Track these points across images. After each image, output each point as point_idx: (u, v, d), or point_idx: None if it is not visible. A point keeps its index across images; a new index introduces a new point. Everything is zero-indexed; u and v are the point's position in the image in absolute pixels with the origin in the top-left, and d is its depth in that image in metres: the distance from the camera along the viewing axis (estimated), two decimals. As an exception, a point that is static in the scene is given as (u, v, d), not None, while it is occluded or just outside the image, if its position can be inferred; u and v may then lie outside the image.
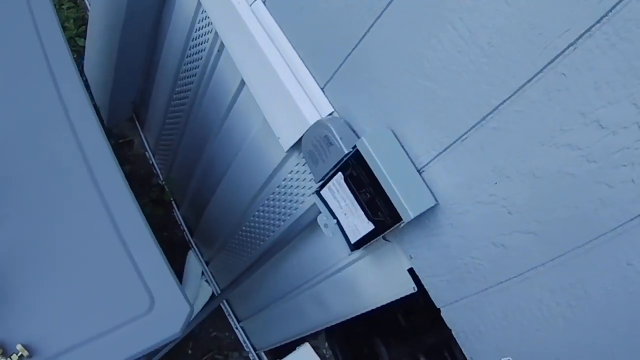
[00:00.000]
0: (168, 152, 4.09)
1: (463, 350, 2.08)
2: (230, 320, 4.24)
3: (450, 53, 1.66)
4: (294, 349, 3.46)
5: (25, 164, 1.94)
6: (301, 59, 2.22)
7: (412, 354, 4.58)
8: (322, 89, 2.16)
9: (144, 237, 1.95)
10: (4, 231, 1.81)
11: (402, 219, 1.80)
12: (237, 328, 4.22)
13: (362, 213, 1.96)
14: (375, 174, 1.82)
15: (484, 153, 1.67)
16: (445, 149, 1.77)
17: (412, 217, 1.77)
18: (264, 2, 2.35)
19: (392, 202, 1.80)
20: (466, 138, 1.70)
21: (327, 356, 4.43)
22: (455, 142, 1.74)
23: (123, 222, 1.94)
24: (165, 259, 1.96)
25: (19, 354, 1.62)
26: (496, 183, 1.67)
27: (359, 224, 2.00)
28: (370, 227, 1.96)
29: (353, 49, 1.97)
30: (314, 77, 2.18)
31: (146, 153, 4.51)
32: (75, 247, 1.87)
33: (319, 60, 2.15)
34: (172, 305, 1.88)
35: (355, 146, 1.88)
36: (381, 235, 1.98)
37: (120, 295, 1.83)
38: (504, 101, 1.56)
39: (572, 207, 1.50)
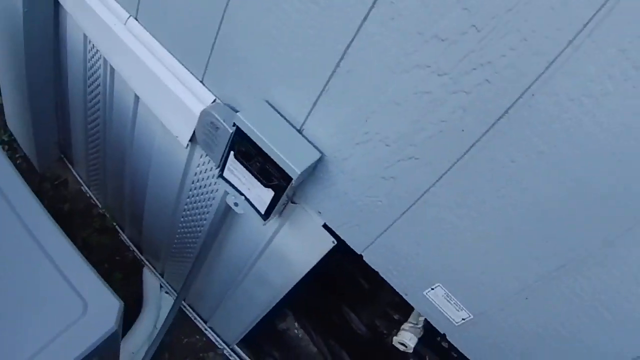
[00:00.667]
0: (99, 180, 4.19)
1: (394, 287, 2.22)
2: (197, 323, 4.32)
3: (292, 16, 1.81)
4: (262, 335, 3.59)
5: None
6: (178, 60, 2.37)
7: (382, 312, 4.72)
8: (201, 81, 2.31)
9: (66, 250, 2.09)
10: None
11: (292, 177, 1.94)
12: (206, 329, 4.30)
13: (259, 183, 2.10)
14: (258, 143, 1.97)
15: (347, 96, 1.82)
16: (314, 103, 1.92)
17: (299, 173, 1.91)
18: (135, 18, 2.48)
19: (279, 164, 1.95)
20: (328, 88, 1.84)
21: (299, 336, 4.55)
22: (320, 95, 1.88)
23: (45, 242, 2.07)
24: (89, 265, 2.08)
25: None
26: (366, 120, 1.81)
27: (261, 194, 2.15)
28: (270, 193, 2.10)
29: (215, 37, 2.12)
30: (192, 73, 2.33)
31: (82, 188, 4.59)
32: (6, 274, 1.99)
33: (192, 57, 2.30)
34: (103, 304, 2.00)
35: (234, 124, 2.02)
36: (286, 198, 2.15)
37: (55, 306, 1.96)
38: (349, 44, 1.70)
39: (439, 123, 1.64)
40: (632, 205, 1.45)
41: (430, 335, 4.42)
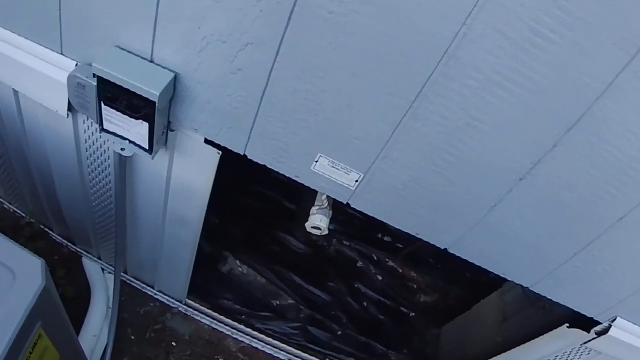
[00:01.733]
0: (16, 191, 4.31)
1: (286, 174, 2.40)
2: (146, 291, 4.53)
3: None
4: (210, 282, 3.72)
5: None
6: (36, 42, 2.52)
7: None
8: (61, 53, 2.49)
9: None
10: None
11: (154, 101, 2.18)
12: (156, 294, 4.51)
13: (132, 119, 2.34)
14: (117, 83, 2.20)
15: (176, 11, 2.03)
16: (154, 31, 2.13)
17: (158, 94, 2.15)
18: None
19: (140, 93, 2.19)
20: (159, 12, 2.05)
21: (244, 272, 4.82)
22: (155, 20, 2.09)
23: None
24: (4, 237, 2.30)
25: None
26: (199, 27, 2.02)
27: (139, 130, 2.39)
28: (144, 125, 2.34)
29: (59, 10, 2.30)
30: (52, 50, 2.50)
31: (4, 205, 4.65)
32: None
33: (46, 36, 2.47)
34: (27, 265, 2.21)
35: (94, 75, 2.25)
36: (163, 128, 2.40)
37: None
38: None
39: (256, 3, 1.83)
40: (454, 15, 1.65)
41: (370, 232, 4.53)
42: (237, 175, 4.26)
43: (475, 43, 1.69)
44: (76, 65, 2.46)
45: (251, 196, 5.11)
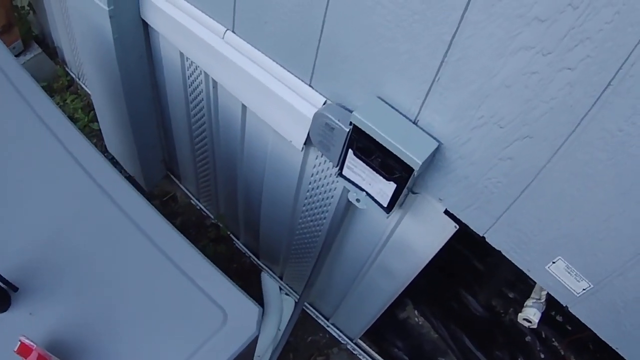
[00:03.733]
0: (210, 192, 4.29)
1: (517, 264, 2.22)
2: (319, 321, 4.38)
3: (394, 11, 1.84)
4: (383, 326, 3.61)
5: (88, 244, 2.15)
6: (282, 66, 2.42)
7: (498, 292, 4.72)
8: (309, 85, 2.35)
9: (200, 263, 2.17)
10: (91, 301, 2.03)
11: (413, 169, 1.98)
12: (328, 326, 4.35)
13: (380, 177, 2.14)
14: (376, 138, 2.01)
15: (458, 84, 1.84)
16: (427, 94, 1.95)
17: (420, 163, 1.94)
18: (233, 31, 2.55)
19: (399, 156, 1.99)
20: (439, 78, 1.87)
21: (420, 323, 4.59)
22: (432, 85, 1.91)
23: (179, 259, 2.15)
24: (223, 274, 2.17)
25: None
26: (480, 105, 1.84)
27: (383, 188, 2.18)
28: (392, 186, 2.14)
29: (319, 39, 2.17)
30: (299, 78, 2.38)
31: (191, 201, 4.71)
32: (148, 295, 2.08)
33: (297, 62, 2.35)
34: (242, 310, 2.07)
35: (351, 122, 2.06)
36: (407, 190, 2.17)
37: (196, 317, 2.03)
38: (454, 33, 1.74)
39: (549, 100, 1.66)
40: None
41: (545, 310, 4.41)
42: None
43: None
44: (325, 103, 2.33)
45: (442, 248, 4.95)
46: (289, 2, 2.18)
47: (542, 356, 4.76)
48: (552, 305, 2.60)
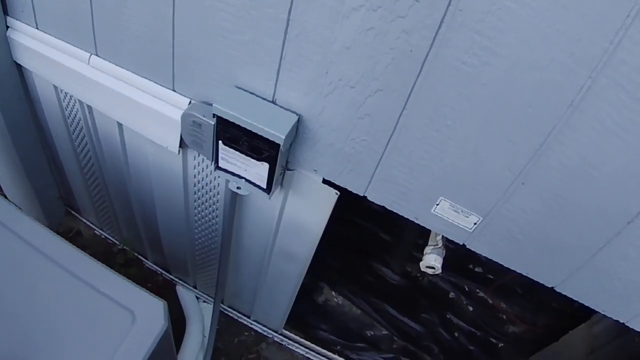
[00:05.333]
0: (109, 218, 4.30)
1: (405, 216, 2.34)
2: (242, 320, 4.46)
3: (231, 4, 1.99)
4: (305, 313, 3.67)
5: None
6: (145, 78, 2.51)
7: (409, 257, 4.85)
8: (173, 90, 2.46)
9: (99, 271, 2.29)
10: (7, 332, 2.09)
11: (279, 144, 2.11)
12: (251, 324, 4.43)
13: (253, 160, 2.26)
14: (240, 124, 2.13)
15: (303, 57, 1.97)
16: (277, 73, 2.08)
17: (284, 137, 2.07)
18: (96, 54, 2.62)
19: (264, 136, 2.11)
20: (285, 56, 2.00)
21: (340, 303, 4.72)
22: (280, 64, 2.04)
23: (80, 272, 2.24)
24: (123, 277, 2.28)
25: None
26: (327, 72, 1.97)
27: (258, 170, 2.31)
28: (265, 166, 2.26)
29: (172, 47, 2.28)
30: (162, 85, 2.48)
31: (95, 232, 4.70)
32: (58, 313, 2.15)
33: (158, 71, 2.45)
34: (148, 306, 2.18)
35: (214, 114, 2.17)
36: (281, 168, 2.30)
37: (106, 322, 2.12)
38: (289, 11, 1.88)
39: (389, 51, 1.79)
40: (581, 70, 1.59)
41: (462, 263, 4.55)
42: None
43: (599, 96, 1.63)
44: (190, 102, 2.42)
45: (347, 227, 5.07)
46: (139, 19, 2.28)
47: (471, 309, 4.97)
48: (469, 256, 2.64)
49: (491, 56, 1.66)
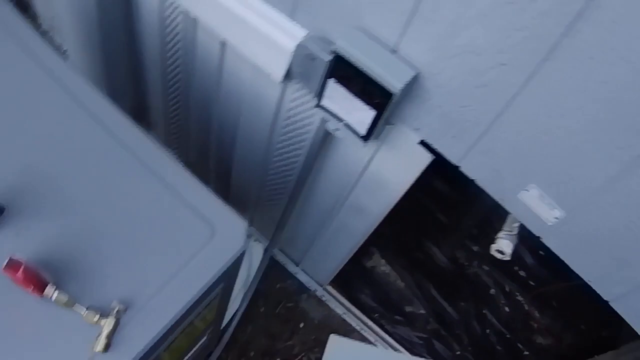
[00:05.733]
0: (180, 138, 4.28)
1: (491, 194, 2.29)
2: (289, 267, 4.46)
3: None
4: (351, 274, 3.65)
5: (72, 164, 2.19)
6: (265, 1, 2.45)
7: (461, 244, 4.81)
8: (291, 18, 2.39)
9: (186, 178, 2.22)
10: (78, 219, 2.06)
11: (392, 94, 2.05)
12: (297, 273, 4.44)
13: (361, 103, 2.21)
14: (358, 65, 2.08)
15: (437, 15, 1.91)
16: (406, 24, 2.01)
17: (400, 88, 2.02)
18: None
19: (379, 82, 2.06)
20: (418, 9, 1.93)
21: (386, 272, 4.68)
22: (412, 15, 1.97)
23: (163, 172, 2.20)
24: (210, 190, 2.22)
25: (117, 310, 1.83)
26: (458, 35, 1.90)
27: (362, 115, 2.25)
28: (371, 113, 2.21)
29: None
30: (281, 12, 2.42)
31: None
32: (134, 211, 2.12)
33: (280, -4, 2.38)
34: (229, 224, 2.13)
35: (333, 51, 2.12)
36: (384, 118, 2.23)
37: (185, 231, 2.08)
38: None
39: (523, 29, 1.73)
40: None
41: (509, 264, 4.53)
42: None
43: None
44: (306, 35, 2.36)
45: (409, 198, 5.03)
46: None
47: (507, 310, 4.89)
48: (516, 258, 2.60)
49: (618, 59, 1.61)
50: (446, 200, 4.84)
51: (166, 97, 3.90)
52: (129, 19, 3.51)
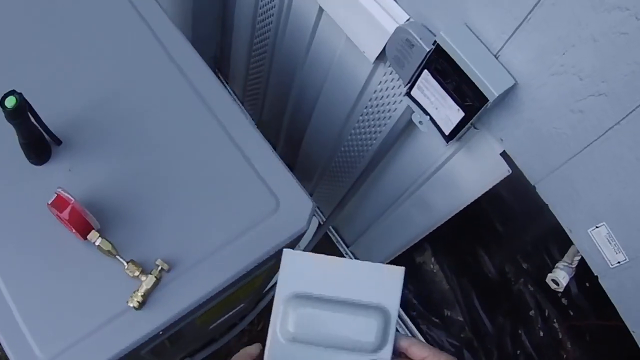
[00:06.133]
0: (256, 97, 4.24)
1: (560, 222, 2.19)
2: (339, 246, 4.38)
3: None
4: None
5: (144, 106, 2.15)
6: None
7: (512, 259, 4.71)
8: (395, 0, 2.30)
9: (262, 147, 2.15)
10: (139, 164, 2.02)
11: (488, 99, 1.95)
12: (346, 253, 4.35)
13: (452, 102, 2.10)
14: (458, 62, 1.97)
15: (548, 28, 1.79)
16: (514, 30, 1.90)
17: (497, 95, 1.91)
18: None
19: (477, 84, 1.95)
20: (530, 18, 1.82)
21: (434, 270, 4.59)
22: (521, 23, 1.86)
23: (238, 135, 2.13)
24: (283, 163, 2.14)
25: (159, 268, 1.77)
26: (564, 53, 1.79)
27: (450, 114, 2.15)
28: (460, 114, 2.10)
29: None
30: (385, -10, 2.31)
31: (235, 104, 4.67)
32: (201, 169, 2.06)
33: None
34: (296, 202, 2.05)
35: (434, 42, 2.03)
36: (471, 122, 2.13)
37: (248, 200, 2.01)
38: (555, -21, 1.71)
39: (633, 63, 1.60)
40: None
41: (553, 290, 4.42)
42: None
43: None
44: (408, 20, 2.27)
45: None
46: None
47: (542, 334, 4.74)
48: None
49: None
50: (508, 211, 4.68)
51: (249, 52, 3.86)
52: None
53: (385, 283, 1.40)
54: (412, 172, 2.96)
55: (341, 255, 4.38)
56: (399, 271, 1.43)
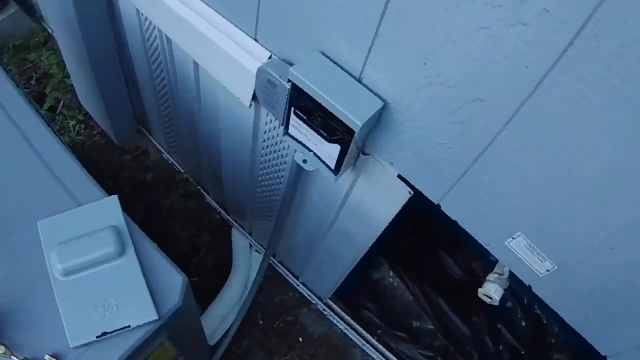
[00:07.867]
0: (177, 146, 4.23)
1: (476, 238, 2.14)
2: (289, 280, 4.33)
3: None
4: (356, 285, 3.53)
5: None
6: (228, 20, 2.32)
7: (477, 252, 4.62)
8: (254, 38, 2.24)
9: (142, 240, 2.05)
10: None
11: (354, 131, 1.86)
12: (298, 285, 4.30)
13: (323, 138, 2.03)
14: (315, 98, 1.89)
15: (400, 39, 1.71)
16: (370, 48, 1.82)
17: (361, 125, 1.82)
18: (181, -17, 2.43)
19: (339, 118, 1.86)
20: (380, 33, 1.74)
21: (394, 285, 4.49)
22: (373, 40, 1.78)
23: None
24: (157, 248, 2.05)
25: None
26: (425, 63, 1.70)
27: (328, 149, 2.07)
28: (336, 147, 2.02)
29: (261, -8, 2.04)
30: (244, 32, 2.27)
31: (163, 155, 4.63)
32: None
33: (241, 14, 2.24)
34: (166, 279, 1.99)
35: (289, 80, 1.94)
36: (357, 151, 2.09)
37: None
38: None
39: (501, 60, 1.51)
40: None
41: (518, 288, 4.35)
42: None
43: None
44: (270, 57, 2.20)
45: (426, 205, 4.88)
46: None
47: (523, 324, 4.63)
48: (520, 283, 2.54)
49: (619, 101, 1.38)
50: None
51: (159, 105, 3.84)
52: (115, 27, 3.47)
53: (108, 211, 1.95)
54: (324, 206, 2.91)
55: (293, 288, 4.35)
56: (113, 198, 1.99)
